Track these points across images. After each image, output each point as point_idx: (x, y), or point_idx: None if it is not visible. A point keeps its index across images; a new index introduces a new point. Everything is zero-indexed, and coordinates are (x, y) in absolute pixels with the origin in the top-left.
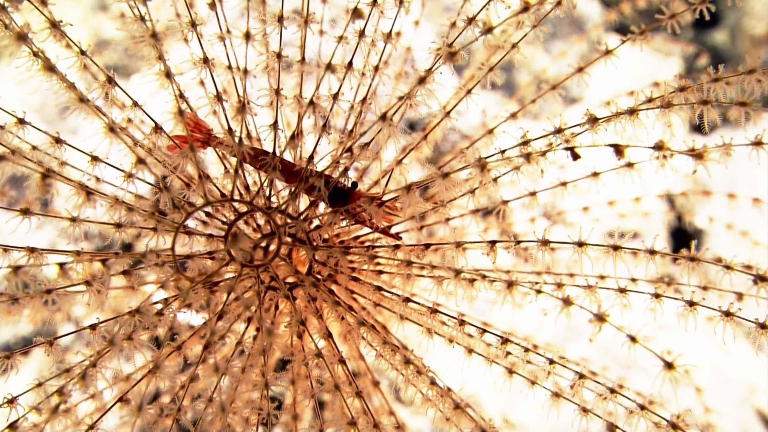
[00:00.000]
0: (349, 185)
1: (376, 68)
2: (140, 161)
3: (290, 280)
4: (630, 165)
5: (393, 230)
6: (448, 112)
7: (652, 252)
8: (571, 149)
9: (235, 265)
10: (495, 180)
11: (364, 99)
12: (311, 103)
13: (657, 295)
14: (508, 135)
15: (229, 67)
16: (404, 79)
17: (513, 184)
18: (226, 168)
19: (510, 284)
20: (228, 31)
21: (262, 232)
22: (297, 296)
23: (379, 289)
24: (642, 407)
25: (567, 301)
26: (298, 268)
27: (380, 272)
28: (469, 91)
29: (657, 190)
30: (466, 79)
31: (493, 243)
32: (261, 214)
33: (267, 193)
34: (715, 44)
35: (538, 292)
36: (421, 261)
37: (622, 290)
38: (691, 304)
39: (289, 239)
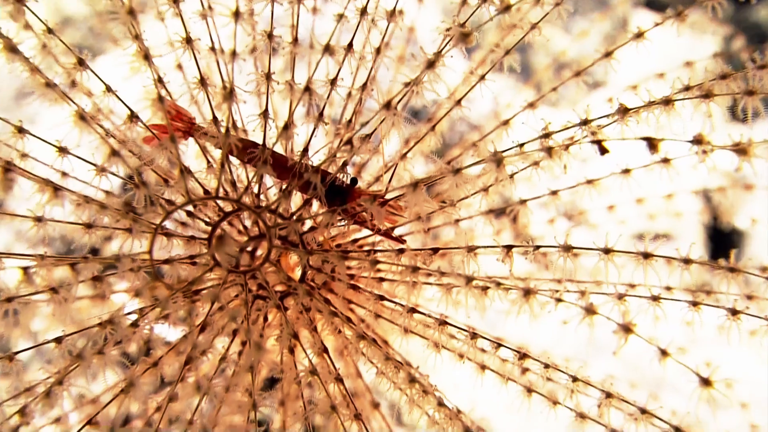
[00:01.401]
0: (348, 182)
1: (378, 50)
2: (114, 153)
3: (279, 288)
4: (666, 161)
5: (396, 232)
6: (459, 100)
7: (687, 261)
8: (599, 143)
9: (220, 271)
10: (511, 176)
11: (365, 85)
12: (306, 89)
13: (695, 303)
14: (526, 126)
15: (213, 49)
16: (407, 63)
17: (529, 181)
18: (209, 162)
19: (527, 292)
20: (210, 8)
21: (250, 235)
22: (288, 306)
23: (381, 298)
24: (677, 429)
25: (590, 311)
26: (290, 275)
27: (381, 279)
28: (482, 77)
29: (691, 186)
30: (476, 62)
31: (509, 248)
32: (249, 213)
33: (255, 191)
34: (758, 21)
35: (558, 300)
36: (428, 267)
37: (655, 298)
38: (734, 312)
39: (279, 242)
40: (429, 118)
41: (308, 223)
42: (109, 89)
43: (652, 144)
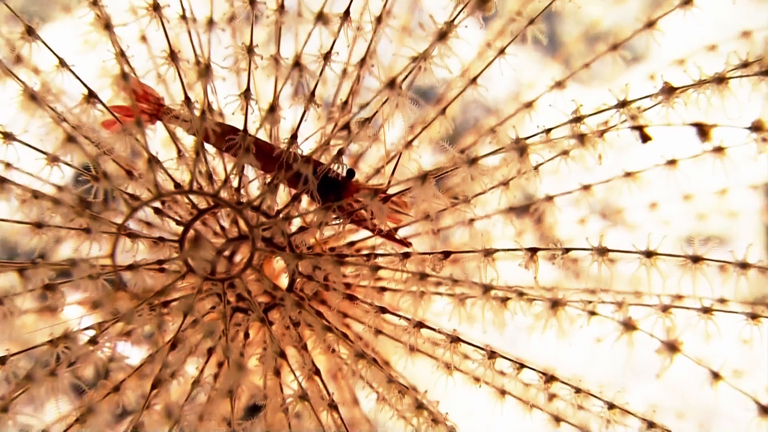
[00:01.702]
0: (344, 174)
1: (379, 19)
2: (70, 139)
3: (262, 299)
4: (719, 150)
5: (399, 233)
6: (474, 79)
7: (744, 266)
8: (640, 129)
9: (194, 278)
10: (536, 168)
11: (363, 60)
12: (296, 64)
13: (753, 317)
14: (553, 109)
15: (184, 17)
16: (413, 35)
17: (557, 174)
18: (179, 151)
19: (555, 304)
20: None
21: (228, 236)
22: (273, 320)
23: (383, 311)
24: None
25: (629, 326)
26: (276, 284)
27: (383, 289)
28: (502, 50)
29: (748, 180)
30: (494, 33)
31: (533, 251)
32: (228, 211)
33: (235, 185)
34: None
35: (591, 314)
36: (439, 274)
37: (707, 310)
38: None
39: (264, 245)
40: (438, 100)
41: (297, 223)
42: (63, 64)
43: (702, 130)
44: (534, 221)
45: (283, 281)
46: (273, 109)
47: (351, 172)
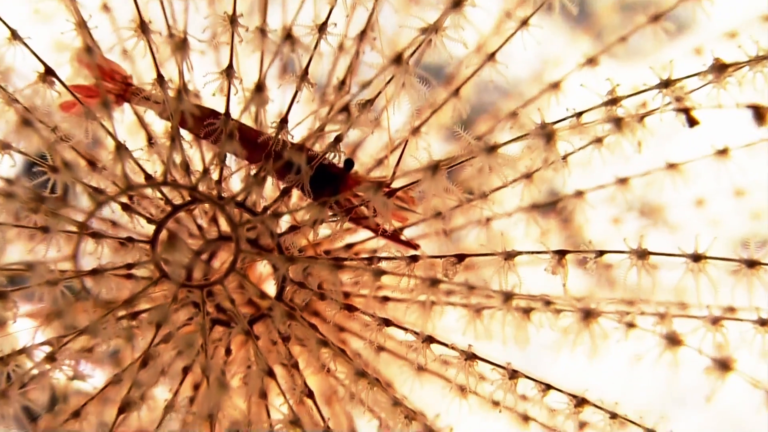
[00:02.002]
0: (342, 165)
1: None
2: (25, 123)
3: (245, 310)
4: None
5: (404, 234)
6: (493, 54)
7: None
8: (686, 112)
9: (168, 285)
10: (564, 158)
11: (363, 33)
12: (287, 37)
13: None
14: (584, 89)
15: None
16: (421, 2)
17: (588, 166)
18: (150, 138)
19: (587, 315)
20: None
21: (205, 236)
22: (258, 335)
23: (387, 324)
24: None
25: (673, 340)
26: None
27: (385, 299)
28: (524, 22)
29: None
30: (515, 1)
31: (561, 254)
32: (208, 207)
33: (215, 177)
34: None
35: (630, 326)
36: (452, 280)
37: (764, 323)
38: None
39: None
40: (449, 80)
41: (285, 222)
42: (15, 36)
43: (759, 114)
44: (561, 220)
45: (268, 290)
46: (260, 88)
47: (349, 163)
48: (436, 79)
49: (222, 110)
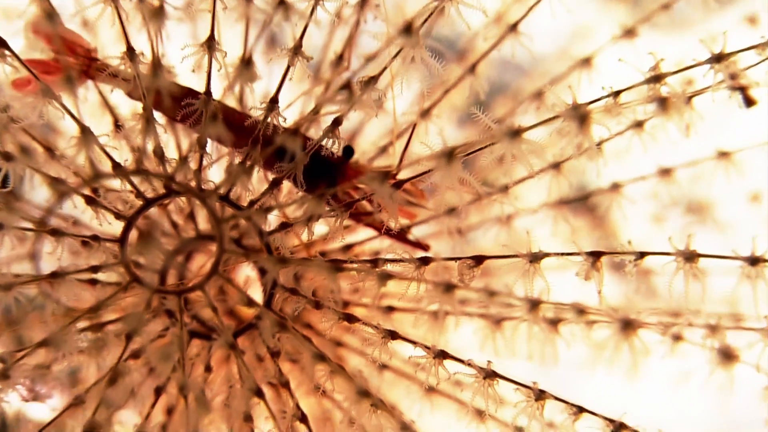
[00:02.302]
0: (340, 153)
1: None
2: None
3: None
4: None
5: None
6: (515, 25)
7: None
8: (742, 90)
9: (140, 290)
10: (599, 145)
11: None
12: (281, 3)
13: None
14: (622, 65)
15: None
16: None
17: (626, 155)
18: (116, 121)
19: (626, 326)
20: None
21: (181, 235)
22: (243, 350)
23: (393, 336)
24: None
25: (727, 356)
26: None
27: (390, 309)
28: None
29: None
30: None
31: (596, 256)
32: (185, 201)
33: (195, 166)
34: None
35: (676, 340)
36: (468, 286)
37: None
38: None
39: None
40: (464, 54)
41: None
42: None
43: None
44: (595, 218)
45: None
46: (248, 61)
47: (349, 150)
48: (449, 53)
49: (201, 89)
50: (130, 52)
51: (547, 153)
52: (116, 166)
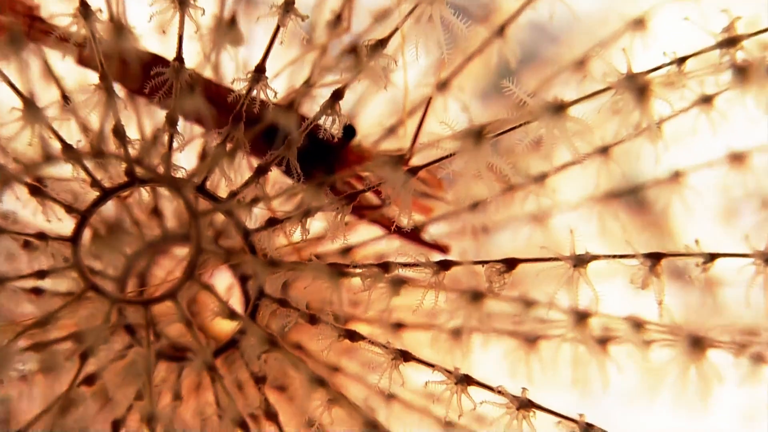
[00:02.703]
0: (340, 133)
1: None
2: None
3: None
4: None
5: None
6: None
7: None
8: None
9: (97, 301)
10: (659, 124)
11: None
12: None
13: None
14: (685, 26)
15: None
16: None
17: (690, 137)
18: (64, 94)
19: (696, 344)
20: None
21: (143, 233)
22: (222, 371)
23: (406, 358)
24: None
25: None
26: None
27: (399, 326)
28: None
29: None
30: None
31: (656, 258)
32: (149, 191)
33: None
34: None
35: (758, 360)
36: (499, 294)
37: None
38: None
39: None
40: (487, 15)
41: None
42: None
43: None
44: (646, 214)
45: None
46: (232, 21)
47: (350, 130)
48: (469, 14)
49: (171, 56)
50: (84, 9)
51: (594, 134)
52: (67, 148)
